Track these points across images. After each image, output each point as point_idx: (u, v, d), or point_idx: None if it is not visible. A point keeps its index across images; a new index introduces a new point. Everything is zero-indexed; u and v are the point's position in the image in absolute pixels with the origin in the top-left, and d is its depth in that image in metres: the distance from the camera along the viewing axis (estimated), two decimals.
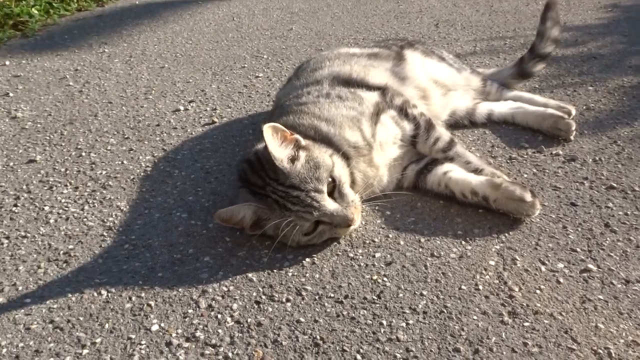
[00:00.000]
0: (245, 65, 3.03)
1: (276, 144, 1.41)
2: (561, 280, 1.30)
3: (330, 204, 1.40)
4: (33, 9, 4.07)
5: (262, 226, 1.44)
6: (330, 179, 1.42)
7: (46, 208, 1.77)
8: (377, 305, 1.27)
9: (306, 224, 1.40)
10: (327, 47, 3.28)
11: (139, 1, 4.77)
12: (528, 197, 1.45)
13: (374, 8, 4.18)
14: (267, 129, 1.38)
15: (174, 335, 1.24)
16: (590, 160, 1.80)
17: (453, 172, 1.62)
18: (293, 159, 1.43)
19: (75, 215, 1.73)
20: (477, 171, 1.64)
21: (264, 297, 1.33)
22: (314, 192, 1.38)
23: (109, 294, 1.38)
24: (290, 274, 1.40)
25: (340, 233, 1.48)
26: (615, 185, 1.65)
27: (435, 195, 1.65)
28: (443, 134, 1.72)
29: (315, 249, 1.47)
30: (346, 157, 1.54)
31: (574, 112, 2.07)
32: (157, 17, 4.22)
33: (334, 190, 1.43)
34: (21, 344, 1.24)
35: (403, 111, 1.71)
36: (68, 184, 1.91)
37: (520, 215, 1.51)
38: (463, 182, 1.57)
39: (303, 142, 1.47)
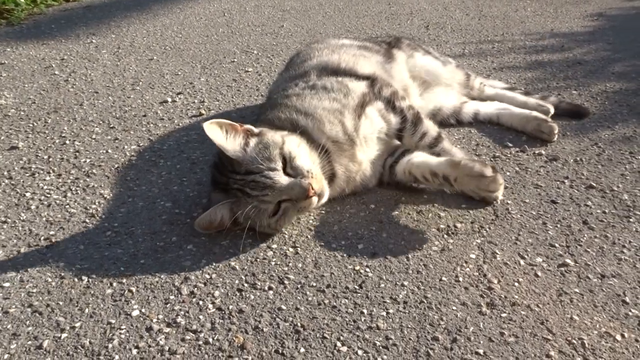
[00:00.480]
0: (235, 60, 3.04)
1: (222, 137, 1.43)
2: (539, 273, 1.33)
3: (284, 179, 1.39)
4: None
5: (239, 220, 1.45)
6: (282, 156, 1.42)
7: (27, 194, 1.76)
8: (359, 294, 1.29)
9: (268, 206, 1.40)
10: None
11: None
12: (488, 172, 1.47)
13: (366, 9, 4.22)
14: (208, 127, 1.40)
15: (154, 320, 1.24)
16: (572, 160, 1.84)
17: (415, 157, 1.63)
18: (244, 147, 1.44)
19: (58, 202, 1.72)
20: None
21: (246, 284, 1.34)
22: (267, 171, 1.39)
23: (90, 280, 1.38)
24: (273, 263, 1.41)
25: (305, 207, 1.44)
26: (594, 184, 1.69)
27: (406, 187, 1.68)
28: (430, 128, 1.72)
29: (298, 239, 1.49)
30: (326, 153, 1.54)
31: (552, 110, 2.11)
32: (147, 10, 4.21)
33: (286, 166, 1.43)
34: None
35: (390, 103, 1.70)
36: (51, 171, 1.90)
37: (485, 194, 1.53)
38: (423, 165, 1.59)
39: (256, 130, 1.49)
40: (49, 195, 1.75)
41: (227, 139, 1.44)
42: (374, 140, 1.67)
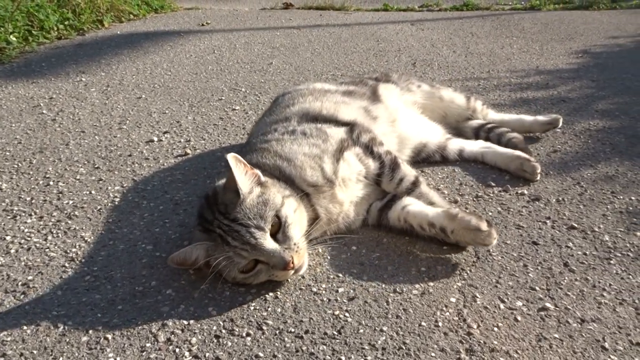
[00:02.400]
0: (223, 98, 3.09)
1: (242, 172, 1.46)
2: (519, 318, 1.34)
3: (269, 244, 1.39)
4: (11, 36, 4.12)
5: (211, 263, 1.44)
6: (276, 218, 1.43)
7: (8, 238, 1.77)
8: (337, 340, 1.29)
9: (242, 261, 1.40)
10: (306, 81, 3.37)
11: (120, 31, 4.86)
12: (484, 226, 1.50)
13: (354, 45, 4.33)
14: (232, 158, 1.43)
15: None
16: (554, 200, 1.88)
17: (411, 206, 1.66)
18: (250, 193, 1.46)
19: (38, 245, 1.73)
20: None
21: (224, 331, 1.34)
22: (255, 229, 1.39)
23: (66, 327, 1.37)
24: (252, 308, 1.41)
25: (279, 276, 1.46)
26: (576, 225, 1.72)
27: (399, 232, 1.69)
28: (408, 173, 1.77)
29: (278, 283, 1.49)
30: (307, 195, 1.57)
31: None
32: (138, 48, 4.29)
33: (279, 231, 1.43)
34: None
35: (369, 149, 1.76)
36: (33, 214, 1.91)
37: (477, 246, 1.55)
38: (420, 215, 1.62)
39: (262, 178, 1.51)
40: (29, 239, 1.76)
41: (244, 176, 1.46)
42: (353, 182, 1.70)
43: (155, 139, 2.52)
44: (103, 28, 5.00)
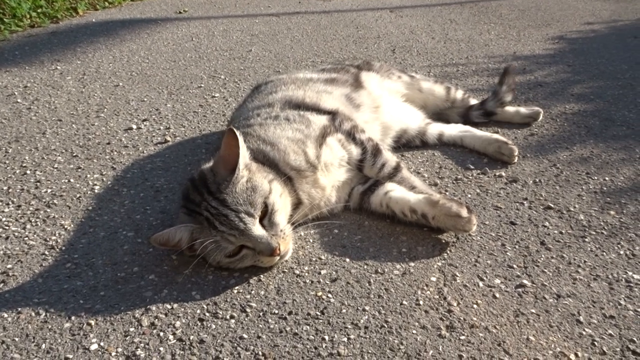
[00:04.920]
0: (202, 85, 3.07)
1: (244, 148, 1.48)
2: (497, 295, 1.38)
3: (257, 230, 1.41)
4: None
5: (195, 247, 1.45)
6: (263, 205, 1.44)
7: None
8: (320, 320, 1.31)
9: (229, 247, 1.41)
10: (286, 69, 3.36)
11: (95, 19, 4.77)
12: (464, 212, 1.53)
13: (334, 32, 4.32)
14: (235, 131, 1.44)
15: (113, 354, 1.24)
16: (531, 181, 1.92)
17: (393, 192, 1.69)
18: (242, 176, 1.46)
19: (16, 234, 1.71)
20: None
21: (207, 314, 1.35)
22: (244, 214, 1.40)
23: (48, 314, 1.37)
24: (235, 291, 1.42)
25: (264, 262, 1.47)
26: (552, 205, 1.76)
27: (380, 216, 1.71)
28: (389, 159, 1.79)
29: (261, 267, 1.50)
30: (289, 180, 1.58)
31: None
32: (114, 36, 4.22)
33: (265, 217, 1.45)
34: None
35: (351, 135, 1.78)
36: (10, 203, 1.88)
37: (458, 231, 1.59)
38: (402, 201, 1.64)
39: (248, 160, 1.52)
40: (7, 228, 1.74)
41: (243, 156, 1.48)
42: (335, 167, 1.72)
43: (134, 126, 2.50)
44: (77, 16, 4.89)
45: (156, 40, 4.10)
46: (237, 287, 1.44)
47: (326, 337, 1.26)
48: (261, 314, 1.34)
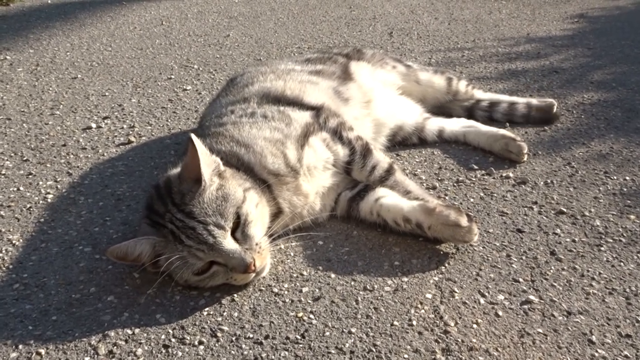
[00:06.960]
0: (172, 77, 3.09)
1: (207, 156, 1.48)
2: (500, 313, 1.40)
3: (228, 243, 1.41)
4: None
5: (160, 264, 1.45)
6: (236, 215, 1.45)
7: None
8: (300, 345, 1.33)
9: (198, 263, 1.42)
10: (268, 56, 3.38)
11: (51, 1, 4.78)
12: (464, 221, 1.55)
13: (324, 13, 4.34)
14: (196, 138, 1.44)
15: None
16: (542, 183, 1.94)
17: (385, 198, 1.70)
18: (210, 184, 1.47)
19: None
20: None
21: (173, 339, 1.36)
22: (213, 226, 1.40)
23: None
24: (205, 313, 1.44)
25: (238, 280, 1.47)
26: (565, 210, 1.79)
27: (371, 225, 1.73)
28: (381, 160, 1.80)
29: (235, 285, 1.52)
30: (268, 187, 1.60)
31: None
32: (72, 20, 4.23)
33: (237, 229, 1.45)
34: None
35: (337, 134, 1.79)
36: None
37: (457, 242, 1.61)
38: (395, 208, 1.66)
39: (222, 167, 1.53)
40: None
41: (208, 163, 1.47)
42: (319, 171, 1.73)
43: (94, 125, 2.51)
44: None
45: (120, 25, 4.11)
46: (207, 309, 1.46)
47: None
48: (234, 338, 1.36)
